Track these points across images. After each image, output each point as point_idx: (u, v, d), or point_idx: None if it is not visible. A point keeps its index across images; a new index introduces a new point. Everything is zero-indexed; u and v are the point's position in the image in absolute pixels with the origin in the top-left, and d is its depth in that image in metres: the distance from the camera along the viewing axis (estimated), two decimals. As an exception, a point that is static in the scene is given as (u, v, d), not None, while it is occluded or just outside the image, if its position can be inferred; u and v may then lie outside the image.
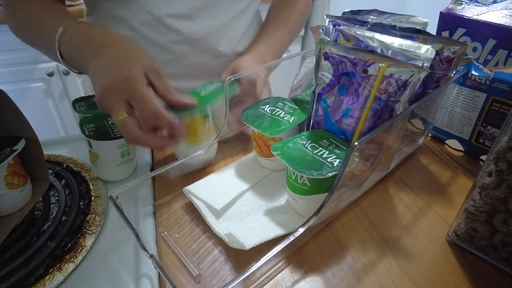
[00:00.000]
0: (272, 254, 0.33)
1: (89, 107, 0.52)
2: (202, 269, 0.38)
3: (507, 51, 0.50)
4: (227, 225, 0.41)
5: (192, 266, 0.38)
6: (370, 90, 0.40)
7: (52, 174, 0.50)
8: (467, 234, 0.39)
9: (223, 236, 0.39)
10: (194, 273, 0.37)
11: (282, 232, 0.39)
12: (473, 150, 0.55)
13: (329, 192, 0.35)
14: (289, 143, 0.42)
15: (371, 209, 0.46)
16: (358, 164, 0.38)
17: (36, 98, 1.51)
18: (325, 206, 0.36)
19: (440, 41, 0.46)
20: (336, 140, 0.42)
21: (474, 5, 0.53)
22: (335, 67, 0.43)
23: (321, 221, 0.41)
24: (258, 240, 0.37)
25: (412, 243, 0.41)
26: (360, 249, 0.40)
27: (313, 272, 0.38)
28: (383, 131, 0.37)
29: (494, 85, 0.49)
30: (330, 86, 0.43)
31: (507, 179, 0.34)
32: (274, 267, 0.38)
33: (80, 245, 0.40)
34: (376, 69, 0.40)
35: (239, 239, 0.37)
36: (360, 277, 0.37)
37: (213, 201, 0.44)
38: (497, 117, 0.50)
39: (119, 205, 0.39)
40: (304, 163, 0.38)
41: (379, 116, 0.41)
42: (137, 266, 0.38)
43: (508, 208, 0.34)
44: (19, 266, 0.37)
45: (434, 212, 0.46)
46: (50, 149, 0.58)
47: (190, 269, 0.38)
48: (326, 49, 0.42)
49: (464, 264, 0.39)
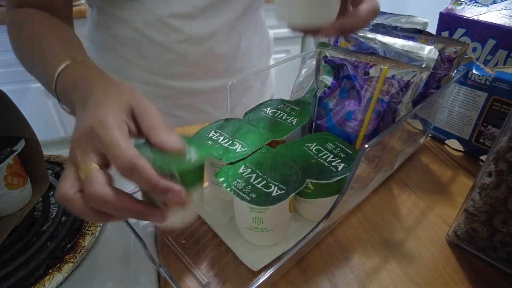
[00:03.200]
0: (283, 262, 0.33)
1: None
2: (211, 277, 0.37)
3: (507, 51, 0.50)
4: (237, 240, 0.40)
5: (201, 273, 0.37)
6: (373, 92, 0.40)
7: (52, 174, 0.50)
8: (467, 235, 0.39)
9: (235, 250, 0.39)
10: (203, 281, 0.37)
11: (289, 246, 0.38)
12: (473, 150, 0.55)
13: (338, 196, 0.35)
14: (293, 145, 0.42)
15: (373, 211, 0.46)
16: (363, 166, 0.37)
17: (36, 98, 1.51)
18: (334, 210, 0.35)
19: (442, 41, 0.46)
20: (341, 143, 0.42)
21: (474, 5, 0.53)
22: (336, 70, 0.42)
23: (329, 224, 0.41)
24: (267, 261, 0.37)
25: (412, 244, 0.41)
26: (362, 253, 0.40)
27: (318, 280, 0.38)
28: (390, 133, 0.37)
29: (495, 85, 0.48)
30: (331, 89, 0.43)
31: (507, 179, 0.34)
32: (279, 278, 0.38)
33: (80, 245, 0.40)
34: (378, 71, 0.40)
35: (248, 262, 0.37)
36: (364, 283, 0.37)
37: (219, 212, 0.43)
38: (498, 117, 0.50)
39: None
40: (308, 166, 0.38)
41: (382, 117, 0.41)
42: (137, 267, 0.38)
43: (508, 209, 0.34)
44: (19, 266, 0.37)
45: (434, 212, 0.46)
46: (50, 149, 0.58)
47: (199, 277, 0.37)
48: (326, 52, 0.42)
49: (464, 264, 0.39)
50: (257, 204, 0.32)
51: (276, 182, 0.35)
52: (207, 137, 0.43)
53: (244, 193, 0.34)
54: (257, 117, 0.48)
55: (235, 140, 0.42)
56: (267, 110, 0.49)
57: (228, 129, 0.45)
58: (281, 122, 0.46)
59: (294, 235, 0.40)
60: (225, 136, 0.43)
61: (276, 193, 0.33)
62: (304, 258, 0.40)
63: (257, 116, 0.48)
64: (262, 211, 0.34)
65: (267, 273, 0.32)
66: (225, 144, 0.42)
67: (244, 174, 0.37)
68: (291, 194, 0.33)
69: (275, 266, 0.33)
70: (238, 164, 0.38)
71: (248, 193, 0.34)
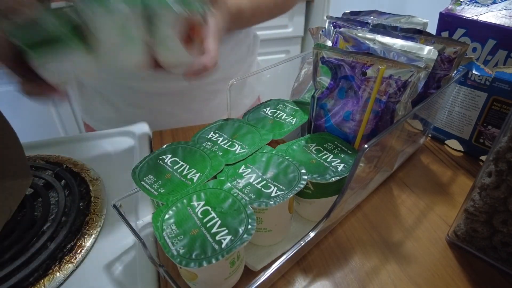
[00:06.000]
0: (283, 262, 0.33)
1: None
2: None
3: (507, 52, 0.50)
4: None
5: None
6: (370, 93, 0.40)
7: (51, 175, 0.50)
8: (467, 235, 0.39)
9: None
10: None
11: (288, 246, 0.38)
12: (473, 150, 0.55)
13: (338, 196, 0.35)
14: (292, 145, 0.42)
15: (373, 211, 0.46)
16: (363, 166, 0.37)
17: (36, 99, 1.51)
18: (334, 210, 0.35)
19: (441, 41, 0.46)
20: (341, 143, 0.42)
21: (474, 5, 0.53)
22: (333, 71, 0.42)
23: (328, 224, 0.41)
24: (267, 261, 0.37)
25: (412, 244, 0.41)
26: (362, 253, 0.40)
27: (318, 281, 0.38)
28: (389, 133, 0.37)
29: (495, 85, 0.48)
30: (329, 90, 0.43)
31: (507, 179, 0.34)
32: (279, 278, 0.38)
33: (80, 246, 0.40)
34: (375, 71, 0.40)
35: (248, 262, 0.37)
36: (364, 283, 0.37)
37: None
38: (498, 117, 0.50)
39: (123, 213, 0.38)
40: (308, 166, 0.38)
41: (380, 117, 0.41)
42: (137, 267, 0.38)
43: (508, 209, 0.34)
44: (19, 267, 0.37)
45: (434, 212, 0.46)
46: (50, 149, 0.58)
47: None
48: (323, 53, 0.42)
49: (464, 264, 0.39)
50: (257, 204, 0.32)
51: (276, 183, 0.35)
52: (207, 138, 0.43)
53: (243, 193, 0.34)
54: (256, 116, 0.48)
55: (235, 141, 0.42)
56: (267, 110, 0.49)
57: (228, 130, 0.45)
58: (281, 122, 0.46)
59: (294, 235, 0.40)
60: (225, 137, 0.43)
61: (275, 193, 0.33)
62: (304, 258, 0.40)
63: (256, 116, 0.48)
64: (262, 212, 0.34)
65: (267, 273, 0.32)
66: (225, 145, 0.42)
67: (244, 174, 0.37)
68: (290, 195, 0.33)
69: (275, 266, 0.33)
70: (238, 164, 0.38)
71: (248, 193, 0.34)
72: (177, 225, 0.31)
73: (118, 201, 0.38)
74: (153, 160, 0.39)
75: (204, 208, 0.32)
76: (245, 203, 0.32)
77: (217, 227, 0.30)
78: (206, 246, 0.28)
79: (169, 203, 0.33)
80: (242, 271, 0.35)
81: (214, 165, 0.38)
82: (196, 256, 0.28)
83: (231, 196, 0.33)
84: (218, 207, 0.32)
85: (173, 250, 0.28)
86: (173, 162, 0.39)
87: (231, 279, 0.34)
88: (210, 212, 0.32)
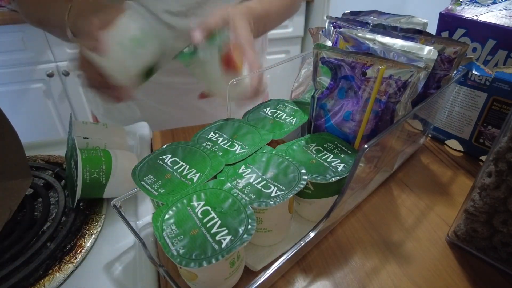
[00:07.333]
0: (283, 262, 0.33)
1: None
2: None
3: (507, 52, 0.50)
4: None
5: None
6: (370, 93, 0.40)
7: (51, 175, 0.50)
8: (467, 235, 0.39)
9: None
10: None
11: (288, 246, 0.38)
12: (473, 150, 0.55)
13: (338, 196, 0.35)
14: (292, 145, 0.42)
15: (373, 212, 0.46)
16: (363, 166, 0.37)
17: (36, 99, 1.51)
18: (334, 210, 0.35)
19: (441, 41, 0.46)
20: (341, 143, 0.42)
21: (474, 5, 0.53)
22: (333, 71, 0.42)
23: (328, 224, 0.41)
24: (267, 261, 0.37)
25: (412, 244, 0.41)
26: (362, 253, 0.40)
27: (318, 281, 0.38)
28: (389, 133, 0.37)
29: (495, 85, 0.48)
30: (329, 90, 0.43)
31: (507, 179, 0.34)
32: (279, 278, 0.38)
33: (80, 246, 0.40)
34: (375, 71, 0.40)
35: (248, 262, 0.37)
36: (364, 283, 0.37)
37: None
38: (498, 117, 0.50)
39: (123, 213, 0.38)
40: (308, 166, 0.38)
41: (380, 118, 0.41)
42: (137, 267, 0.38)
43: (508, 209, 0.34)
44: (19, 267, 0.37)
45: (434, 213, 0.46)
46: (50, 150, 0.58)
47: None
48: (323, 53, 0.42)
49: (464, 264, 0.39)
50: (257, 204, 0.32)
51: (276, 183, 0.35)
52: (207, 138, 0.43)
53: (243, 193, 0.34)
54: (256, 117, 0.48)
55: (235, 141, 0.42)
56: (267, 110, 0.49)
57: (228, 130, 0.45)
58: (281, 122, 0.46)
59: (294, 235, 0.40)
60: (225, 137, 0.43)
61: (275, 193, 0.33)
62: (304, 258, 0.39)
63: (256, 116, 0.48)
64: (262, 212, 0.34)
65: (267, 273, 0.32)
66: (225, 145, 0.42)
67: (244, 174, 0.37)
68: (290, 195, 0.33)
69: (275, 266, 0.33)
70: (238, 164, 0.38)
71: (248, 193, 0.34)
72: (177, 225, 0.31)
73: (118, 201, 0.38)
74: (153, 160, 0.39)
75: (204, 208, 0.32)
76: (245, 203, 0.32)
77: (217, 227, 0.30)
78: (206, 246, 0.28)
79: (169, 203, 0.33)
80: (242, 271, 0.35)
81: (214, 165, 0.38)
82: (196, 256, 0.28)
83: (231, 196, 0.33)
84: (218, 207, 0.32)
85: (173, 250, 0.28)
86: (173, 162, 0.39)
87: (231, 279, 0.34)
88: (210, 212, 0.32)
